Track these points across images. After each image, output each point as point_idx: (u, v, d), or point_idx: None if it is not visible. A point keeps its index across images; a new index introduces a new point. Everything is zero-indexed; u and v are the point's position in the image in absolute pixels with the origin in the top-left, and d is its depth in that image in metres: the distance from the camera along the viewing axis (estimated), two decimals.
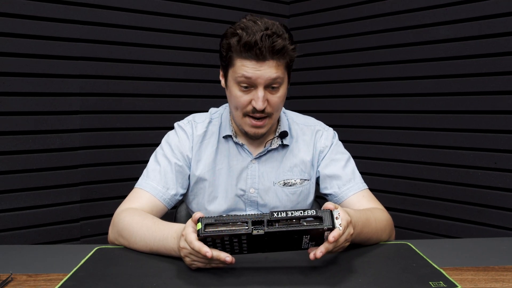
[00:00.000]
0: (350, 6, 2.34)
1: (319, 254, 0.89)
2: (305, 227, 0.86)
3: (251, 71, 1.09)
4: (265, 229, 0.85)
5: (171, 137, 1.27)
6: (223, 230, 0.85)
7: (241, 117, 1.17)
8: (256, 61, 1.08)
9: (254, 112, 1.14)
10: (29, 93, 1.89)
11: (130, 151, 2.14)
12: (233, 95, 1.15)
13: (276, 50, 1.07)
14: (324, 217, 0.87)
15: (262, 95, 1.11)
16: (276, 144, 1.26)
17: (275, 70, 1.09)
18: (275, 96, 1.14)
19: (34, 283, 0.90)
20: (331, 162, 1.27)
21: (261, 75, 1.09)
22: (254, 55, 1.07)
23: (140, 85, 2.16)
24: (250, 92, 1.12)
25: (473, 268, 0.97)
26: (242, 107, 1.15)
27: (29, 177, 1.90)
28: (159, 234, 1.02)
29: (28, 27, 1.87)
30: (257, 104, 1.11)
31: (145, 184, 1.20)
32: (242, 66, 1.09)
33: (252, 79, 1.10)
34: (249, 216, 0.87)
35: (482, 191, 1.94)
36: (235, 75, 1.12)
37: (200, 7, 2.31)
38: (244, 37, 1.07)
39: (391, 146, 2.22)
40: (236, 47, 1.08)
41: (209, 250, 0.87)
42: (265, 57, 1.08)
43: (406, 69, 2.15)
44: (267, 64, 1.09)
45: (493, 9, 1.87)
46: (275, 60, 1.09)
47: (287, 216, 0.86)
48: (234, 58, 1.11)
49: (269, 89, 1.12)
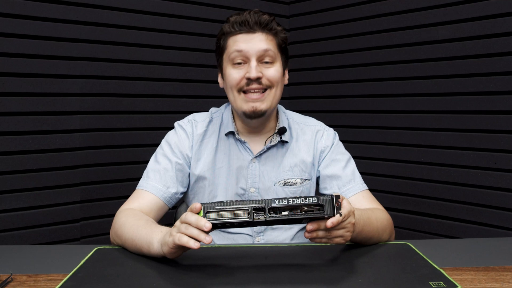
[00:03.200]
0: (350, 6, 2.34)
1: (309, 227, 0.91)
2: (306, 215, 0.88)
3: (242, 44, 1.16)
4: (266, 216, 0.88)
5: (171, 137, 1.27)
6: (225, 217, 0.87)
7: (237, 96, 1.19)
8: (247, 33, 1.17)
9: (249, 84, 1.16)
10: (29, 93, 1.89)
11: (130, 151, 2.14)
12: (227, 75, 1.20)
13: (264, 23, 1.17)
14: (325, 205, 0.88)
15: (255, 64, 1.16)
16: (275, 140, 1.26)
17: (265, 42, 1.17)
18: (270, 70, 1.18)
19: (34, 283, 0.90)
20: (331, 162, 1.27)
21: (252, 46, 1.16)
22: (244, 28, 1.17)
23: (140, 85, 2.16)
24: (243, 68, 1.18)
25: (473, 268, 0.97)
26: (236, 84, 1.18)
27: (29, 177, 1.90)
28: (146, 229, 1.02)
29: (28, 27, 1.87)
30: (251, 72, 1.15)
31: (145, 184, 1.21)
32: (234, 43, 1.18)
33: (243, 51, 1.16)
34: (250, 202, 0.88)
35: (482, 191, 1.94)
36: (229, 55, 1.18)
37: (200, 7, 2.31)
38: (234, 17, 1.20)
39: (391, 146, 2.22)
40: (228, 28, 1.19)
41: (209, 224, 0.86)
42: (254, 29, 1.17)
43: (406, 69, 2.15)
44: (257, 37, 1.17)
45: (493, 9, 1.87)
46: (264, 33, 1.18)
47: (288, 204, 0.87)
48: (227, 39, 1.20)
49: (262, 63, 1.18)
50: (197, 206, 0.87)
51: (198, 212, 0.88)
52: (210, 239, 0.85)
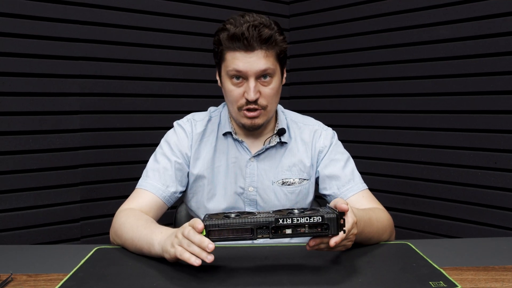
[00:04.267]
0: (350, 6, 2.34)
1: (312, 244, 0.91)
2: (310, 234, 0.88)
3: (241, 63, 1.11)
4: (270, 236, 0.87)
5: (170, 136, 1.27)
6: (227, 235, 0.87)
7: (236, 111, 1.18)
8: (245, 51, 1.11)
9: (247, 104, 1.15)
10: (29, 93, 1.89)
11: (130, 151, 2.14)
12: (226, 90, 1.17)
13: (264, 39, 1.11)
14: (330, 224, 0.87)
15: (253, 85, 1.13)
16: (274, 141, 1.26)
17: (264, 60, 1.12)
18: (267, 88, 1.15)
19: (34, 283, 0.90)
20: (330, 162, 1.27)
21: (251, 67, 1.11)
22: (242, 46, 1.10)
23: (140, 85, 2.16)
24: (243, 85, 1.15)
25: (473, 268, 0.97)
26: (235, 101, 1.16)
27: (29, 177, 1.90)
28: (146, 230, 1.02)
29: (28, 27, 1.87)
30: (249, 95, 1.13)
31: (145, 184, 1.21)
32: (232, 59, 1.13)
33: (242, 72, 1.12)
34: (254, 221, 0.87)
35: (482, 191, 1.94)
36: (227, 69, 1.15)
37: (200, 7, 2.31)
38: (232, 29, 1.11)
39: (391, 146, 2.22)
40: (225, 41, 1.12)
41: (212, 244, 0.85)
42: (253, 47, 1.11)
43: (406, 69, 2.15)
44: (256, 55, 1.11)
45: (493, 9, 1.87)
46: (264, 50, 1.12)
47: (292, 223, 0.87)
48: (225, 52, 1.14)
49: (260, 80, 1.14)
50: (199, 227, 0.86)
51: (200, 232, 0.87)
52: (212, 258, 0.85)
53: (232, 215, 0.90)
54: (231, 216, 0.89)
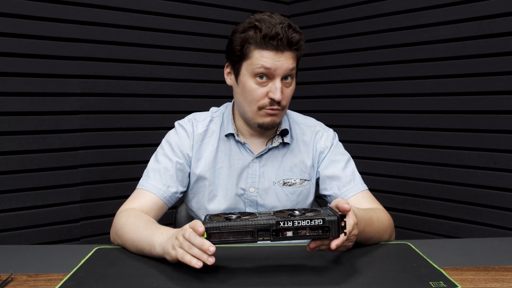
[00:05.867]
0: (350, 6, 2.34)
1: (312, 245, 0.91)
2: (311, 236, 0.88)
3: (270, 61, 1.12)
4: (271, 238, 0.87)
5: (171, 136, 1.27)
6: (229, 240, 0.87)
7: (255, 111, 1.17)
8: (275, 52, 1.12)
9: (271, 104, 1.15)
10: (29, 93, 1.89)
11: (130, 151, 2.14)
12: (247, 89, 1.16)
13: (294, 42, 1.14)
14: (331, 227, 0.87)
15: (280, 86, 1.14)
16: (277, 142, 1.26)
17: (291, 61, 1.15)
18: (288, 89, 1.18)
19: (34, 283, 0.90)
20: (331, 163, 1.27)
21: (280, 66, 1.13)
22: (275, 46, 1.11)
23: (140, 85, 2.16)
24: (267, 85, 1.14)
25: (473, 268, 0.97)
26: (257, 100, 1.15)
27: (29, 177, 1.90)
28: (147, 231, 1.02)
29: (28, 27, 1.87)
30: (276, 94, 1.13)
31: (145, 184, 1.21)
32: (261, 57, 1.12)
33: (271, 70, 1.12)
34: (255, 223, 0.87)
35: (482, 191, 1.94)
36: (253, 67, 1.13)
37: (200, 7, 2.31)
38: (264, 28, 1.11)
39: (391, 146, 2.22)
40: (256, 39, 1.12)
41: (213, 247, 0.85)
42: (284, 48, 1.13)
43: (406, 69, 2.15)
44: (285, 56, 1.13)
45: (493, 9, 1.87)
46: (292, 52, 1.15)
47: (293, 225, 0.87)
48: (252, 50, 1.13)
49: (283, 81, 1.15)
50: (200, 230, 0.86)
51: (201, 235, 0.86)
52: (213, 260, 0.85)
53: (233, 216, 0.90)
54: (232, 218, 0.89)
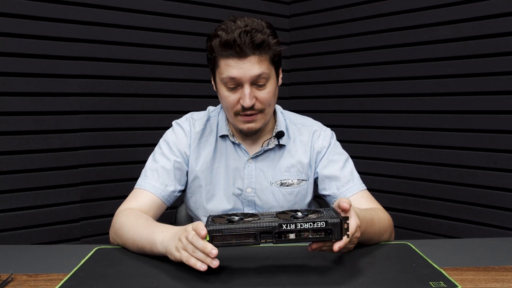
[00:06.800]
0: (350, 6, 2.34)
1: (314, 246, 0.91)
2: (313, 239, 0.88)
3: (234, 70, 1.10)
4: (273, 241, 0.87)
5: (168, 135, 1.28)
6: (231, 242, 0.87)
7: (233, 117, 1.18)
8: (238, 58, 1.10)
9: (244, 110, 1.15)
10: (29, 93, 1.89)
11: (130, 151, 2.14)
12: (222, 96, 1.17)
13: (256, 45, 1.09)
14: (334, 229, 0.87)
15: (249, 92, 1.12)
16: (272, 144, 1.26)
17: (258, 66, 1.11)
18: (263, 92, 1.14)
19: (34, 283, 0.90)
20: (329, 163, 1.27)
21: (245, 73, 1.10)
22: (235, 53, 1.09)
23: (140, 85, 2.16)
24: (238, 91, 1.14)
25: (474, 268, 0.97)
26: (231, 107, 1.16)
27: (29, 177, 1.90)
28: (147, 229, 1.02)
29: (28, 27, 1.87)
30: (244, 101, 1.12)
31: (143, 183, 1.21)
32: (225, 66, 1.12)
33: (236, 79, 1.11)
34: (257, 226, 0.87)
35: (482, 191, 1.94)
36: (221, 76, 1.14)
37: (200, 7, 2.30)
38: (224, 36, 1.09)
39: (391, 146, 2.22)
40: (218, 48, 1.11)
41: (215, 249, 0.86)
42: (245, 53, 1.09)
43: (406, 69, 2.15)
44: (249, 61, 1.10)
45: (493, 9, 1.87)
46: (257, 56, 1.10)
47: (296, 228, 0.86)
48: (218, 59, 1.13)
49: (255, 85, 1.13)
50: (202, 233, 0.86)
51: (203, 238, 0.86)
52: (217, 263, 0.85)
53: (235, 218, 0.90)
54: (235, 220, 0.89)
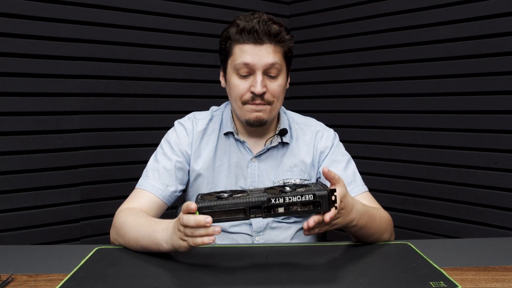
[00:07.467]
0: (350, 6, 2.34)
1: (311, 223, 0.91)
2: (302, 212, 0.90)
3: (249, 56, 1.13)
4: (263, 215, 0.88)
5: (170, 135, 1.28)
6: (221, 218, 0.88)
7: (241, 106, 1.18)
8: (254, 44, 1.13)
9: (253, 99, 1.15)
10: (29, 93, 1.89)
11: (130, 151, 2.14)
12: (232, 84, 1.18)
13: (273, 34, 1.13)
14: (322, 202, 0.88)
15: (261, 79, 1.14)
16: (276, 142, 1.26)
17: (272, 55, 1.14)
18: (274, 84, 1.16)
19: (34, 283, 0.90)
20: (332, 163, 1.27)
21: (259, 60, 1.13)
22: (252, 39, 1.13)
23: (140, 85, 2.16)
24: (249, 79, 1.16)
25: (474, 268, 0.97)
26: (241, 95, 1.17)
27: (29, 177, 1.90)
28: (149, 229, 1.02)
29: (28, 27, 1.87)
30: (256, 88, 1.14)
31: (144, 184, 1.21)
32: (240, 53, 1.14)
33: (250, 65, 1.13)
34: (246, 201, 0.88)
35: (482, 191, 1.94)
36: (234, 63, 1.15)
37: (200, 7, 2.31)
38: (242, 24, 1.14)
39: (391, 146, 2.22)
40: (235, 35, 1.15)
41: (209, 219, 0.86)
42: (262, 40, 1.13)
43: (406, 69, 2.15)
44: (265, 49, 1.13)
45: (493, 9, 1.87)
46: (273, 45, 1.14)
47: (285, 202, 0.88)
48: (233, 46, 1.16)
49: (267, 76, 1.16)
50: (192, 207, 0.87)
51: (193, 212, 0.87)
52: (219, 229, 0.86)
53: (224, 195, 0.91)
54: (224, 197, 0.90)
